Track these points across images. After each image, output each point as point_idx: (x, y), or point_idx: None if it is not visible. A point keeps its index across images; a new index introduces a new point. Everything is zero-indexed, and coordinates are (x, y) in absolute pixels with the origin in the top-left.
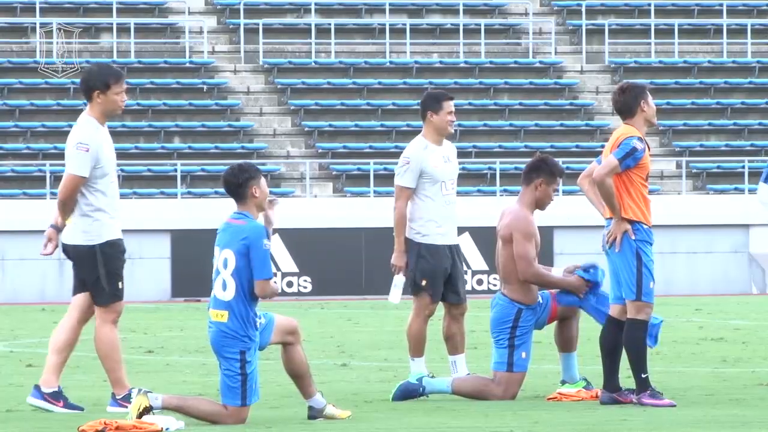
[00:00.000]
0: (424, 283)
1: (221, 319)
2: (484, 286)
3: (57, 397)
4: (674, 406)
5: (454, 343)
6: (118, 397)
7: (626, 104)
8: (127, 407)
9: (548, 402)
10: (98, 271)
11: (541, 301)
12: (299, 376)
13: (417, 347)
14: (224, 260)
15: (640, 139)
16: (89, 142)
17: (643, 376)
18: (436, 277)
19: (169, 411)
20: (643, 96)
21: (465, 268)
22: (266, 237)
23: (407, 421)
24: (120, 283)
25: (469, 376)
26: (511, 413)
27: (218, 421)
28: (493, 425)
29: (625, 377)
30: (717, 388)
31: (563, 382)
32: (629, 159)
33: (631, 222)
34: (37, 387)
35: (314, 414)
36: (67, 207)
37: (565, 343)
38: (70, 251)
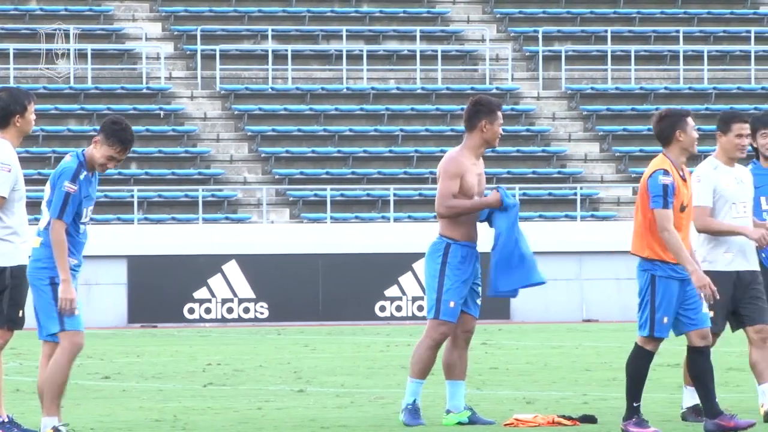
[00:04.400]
0: (711, 314)
1: (35, 245)
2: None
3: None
4: None
5: (759, 370)
6: None
7: (662, 133)
8: None
9: (504, 428)
10: (2, 293)
11: (474, 253)
12: (42, 392)
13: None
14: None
15: (665, 172)
16: (11, 163)
17: (635, 404)
18: (718, 306)
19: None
20: (680, 125)
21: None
22: (71, 180)
23: None
24: (21, 312)
25: None
26: None
27: (65, 361)
28: None
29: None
30: (673, 414)
31: (448, 411)
32: (669, 197)
33: (652, 261)
34: None
35: None
36: None
37: (449, 370)
38: None
